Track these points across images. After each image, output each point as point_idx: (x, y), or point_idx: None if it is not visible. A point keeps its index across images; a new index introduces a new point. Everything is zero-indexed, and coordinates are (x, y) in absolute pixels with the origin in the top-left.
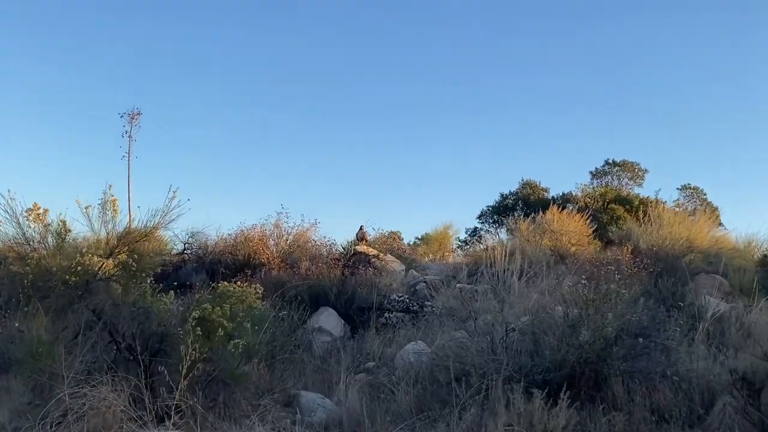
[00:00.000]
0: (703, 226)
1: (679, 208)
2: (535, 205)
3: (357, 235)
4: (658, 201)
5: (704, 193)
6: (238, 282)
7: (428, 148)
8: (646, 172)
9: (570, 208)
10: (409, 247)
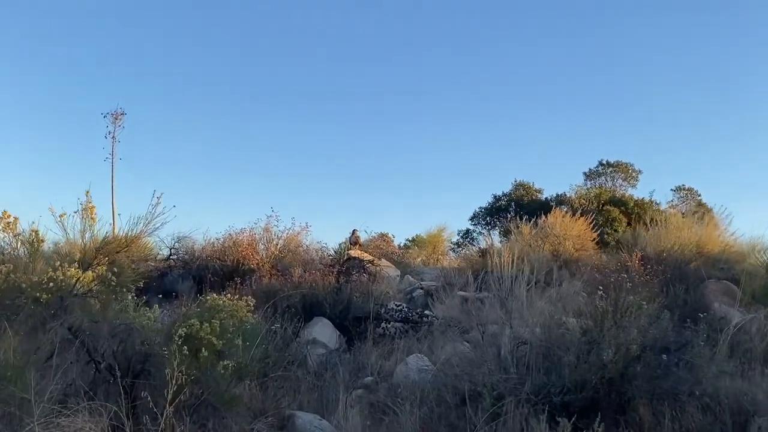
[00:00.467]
0: (712, 230)
1: (673, 210)
2: (528, 207)
3: (350, 239)
4: (653, 202)
5: (699, 195)
6: (228, 294)
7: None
8: (640, 173)
9: (564, 210)
10: (400, 249)
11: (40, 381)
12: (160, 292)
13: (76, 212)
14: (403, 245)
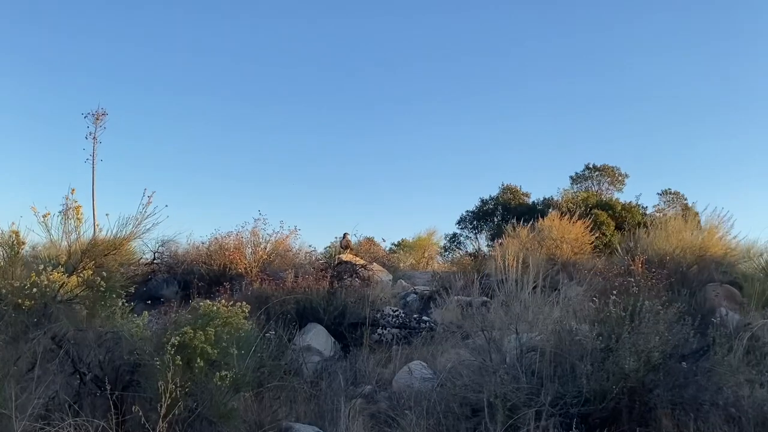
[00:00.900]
0: (714, 232)
1: (659, 213)
2: (515, 211)
3: (341, 243)
4: (640, 206)
5: (685, 198)
6: (222, 300)
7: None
8: (627, 176)
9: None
10: (386, 253)
11: (20, 394)
12: (144, 297)
13: (61, 212)
14: (389, 250)
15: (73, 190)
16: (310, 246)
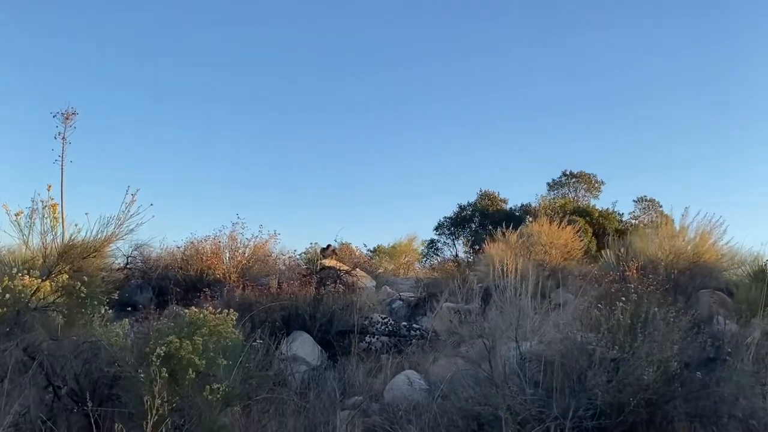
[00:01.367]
0: (706, 239)
1: (635, 220)
2: (493, 217)
3: (324, 253)
4: (616, 213)
5: (660, 205)
6: (210, 307)
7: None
8: (603, 183)
9: (529, 220)
10: (368, 259)
11: None
12: (118, 304)
13: (31, 208)
14: (366, 255)
15: (50, 187)
16: (295, 251)
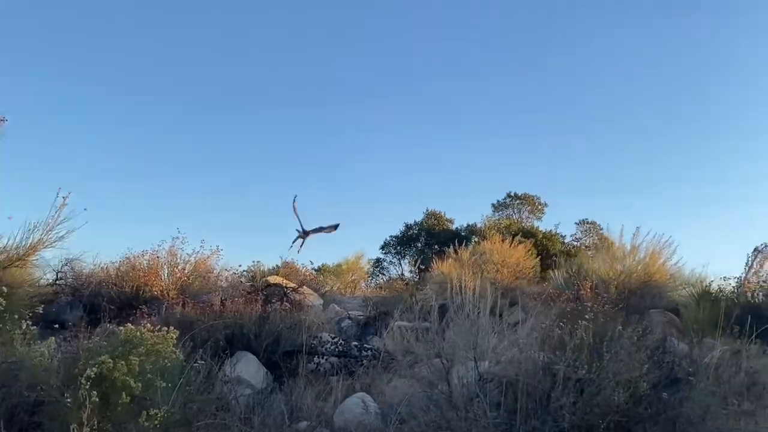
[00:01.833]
0: (656, 258)
1: (577, 242)
2: (439, 236)
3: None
4: (559, 235)
5: (601, 228)
6: (148, 324)
7: (333, 177)
8: (546, 205)
9: (475, 240)
10: (315, 277)
11: None
12: (45, 322)
13: None
14: (311, 273)
15: None
16: (240, 266)
